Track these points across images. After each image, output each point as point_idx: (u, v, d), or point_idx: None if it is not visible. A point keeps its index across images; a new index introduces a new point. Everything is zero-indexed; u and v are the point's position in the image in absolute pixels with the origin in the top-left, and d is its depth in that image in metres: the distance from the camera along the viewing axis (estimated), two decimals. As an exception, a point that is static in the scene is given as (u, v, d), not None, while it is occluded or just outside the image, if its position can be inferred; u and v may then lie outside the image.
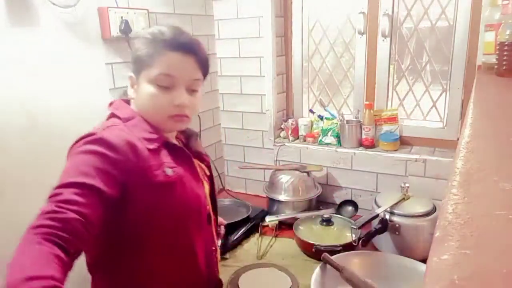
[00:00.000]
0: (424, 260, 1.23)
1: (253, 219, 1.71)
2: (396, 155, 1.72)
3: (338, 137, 1.87)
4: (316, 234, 1.54)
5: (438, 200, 1.49)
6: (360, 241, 1.35)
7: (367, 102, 1.82)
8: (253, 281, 1.34)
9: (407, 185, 1.47)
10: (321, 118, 1.96)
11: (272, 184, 1.83)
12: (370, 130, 1.79)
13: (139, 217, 0.82)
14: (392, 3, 1.73)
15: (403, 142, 1.81)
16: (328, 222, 1.58)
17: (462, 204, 0.36)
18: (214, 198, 1.03)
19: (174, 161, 0.87)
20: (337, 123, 1.88)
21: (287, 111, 2.12)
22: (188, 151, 0.94)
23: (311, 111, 2.05)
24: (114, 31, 1.43)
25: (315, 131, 1.96)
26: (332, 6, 1.90)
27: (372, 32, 1.80)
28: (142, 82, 0.87)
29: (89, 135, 0.78)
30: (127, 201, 0.78)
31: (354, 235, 1.38)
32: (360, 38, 1.83)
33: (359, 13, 1.80)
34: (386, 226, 1.40)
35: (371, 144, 1.81)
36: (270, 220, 1.69)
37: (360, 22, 1.81)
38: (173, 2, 1.74)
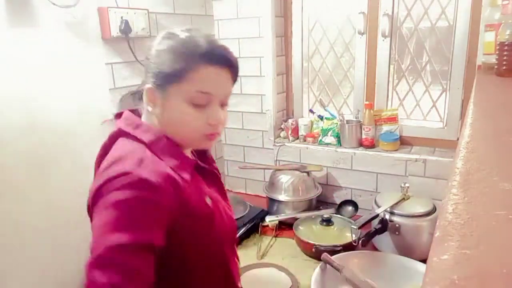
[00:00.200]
0: (424, 260, 1.22)
1: (253, 219, 1.71)
2: (396, 155, 1.72)
3: (338, 137, 1.87)
4: (316, 234, 1.54)
5: (438, 200, 1.49)
6: (360, 241, 1.35)
7: (367, 102, 1.82)
8: (253, 281, 1.34)
9: (407, 185, 1.47)
10: (321, 118, 1.96)
11: (272, 184, 1.83)
12: (370, 130, 1.79)
13: (180, 248, 0.77)
14: (392, 3, 1.73)
15: (403, 142, 1.81)
16: (328, 222, 1.58)
17: (462, 204, 0.36)
18: None
19: (207, 184, 0.82)
20: (337, 123, 1.88)
21: (287, 111, 2.12)
22: (209, 168, 0.88)
23: (311, 111, 2.05)
24: (114, 31, 1.43)
25: (315, 131, 1.96)
26: (332, 6, 1.90)
27: (372, 32, 1.80)
28: (171, 99, 0.77)
29: (124, 174, 0.68)
30: (170, 237, 0.72)
31: (354, 235, 1.38)
32: (360, 38, 1.83)
33: (359, 13, 1.80)
34: (386, 226, 1.40)
35: (371, 144, 1.81)
36: (270, 220, 1.69)
37: (360, 22, 1.81)
38: (173, 2, 1.74)
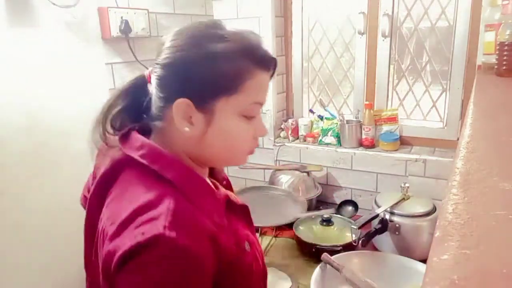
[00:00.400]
0: (424, 260, 1.22)
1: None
2: (396, 155, 1.72)
3: (338, 137, 1.87)
4: (316, 234, 1.54)
5: (438, 200, 1.49)
6: (360, 241, 1.35)
7: (367, 102, 1.82)
8: (253, 281, 1.34)
9: (407, 185, 1.47)
10: (321, 118, 1.96)
11: (272, 184, 1.83)
12: (370, 130, 1.79)
13: None
14: (392, 3, 1.73)
15: (403, 142, 1.81)
16: (328, 222, 1.58)
17: (462, 204, 0.36)
18: None
19: (237, 219, 0.70)
20: (337, 123, 1.88)
21: (287, 111, 2.12)
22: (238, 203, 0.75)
23: (311, 111, 2.05)
24: (114, 31, 1.43)
25: (315, 131, 1.96)
26: (332, 6, 1.90)
27: (372, 32, 1.80)
28: (221, 114, 0.63)
29: (158, 240, 0.53)
30: None
31: (354, 235, 1.38)
32: (360, 38, 1.83)
33: (359, 13, 1.80)
34: (386, 226, 1.40)
35: (371, 144, 1.81)
36: (270, 220, 1.69)
37: (360, 22, 1.81)
38: (173, 2, 1.74)
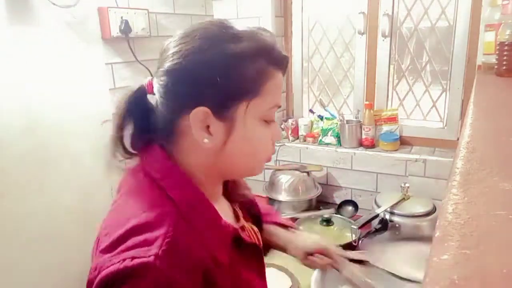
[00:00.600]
0: (424, 260, 1.22)
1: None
2: (396, 155, 1.72)
3: (338, 137, 1.87)
4: (316, 234, 1.54)
5: (438, 200, 1.49)
6: (360, 241, 1.35)
7: (367, 102, 1.82)
8: (253, 281, 1.34)
9: (407, 185, 1.47)
10: (321, 118, 1.96)
11: (272, 184, 1.83)
12: (370, 130, 1.79)
13: None
14: (392, 3, 1.73)
15: (403, 142, 1.81)
16: (328, 222, 1.58)
17: (462, 204, 0.36)
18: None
19: (244, 258, 0.63)
20: (337, 123, 1.88)
21: (287, 111, 2.12)
22: (250, 241, 0.67)
23: (311, 111, 2.05)
24: (114, 31, 1.43)
25: (315, 131, 1.96)
26: (332, 6, 1.90)
27: (372, 32, 1.80)
28: (243, 121, 0.58)
29: (147, 268, 0.48)
30: None
31: (354, 235, 1.38)
32: (360, 38, 1.83)
33: (359, 13, 1.80)
34: (386, 226, 1.40)
35: (371, 144, 1.80)
36: (270, 220, 1.69)
37: (360, 22, 1.81)
38: (173, 2, 1.74)
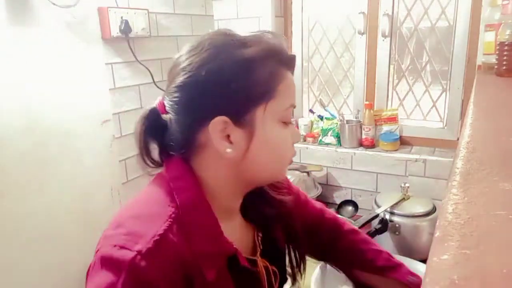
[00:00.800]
0: (424, 260, 1.22)
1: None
2: (396, 155, 1.72)
3: (338, 137, 1.87)
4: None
5: (438, 200, 1.49)
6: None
7: (367, 102, 1.82)
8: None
9: (407, 185, 1.47)
10: (321, 118, 1.96)
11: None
12: (370, 130, 1.79)
13: None
14: (392, 3, 1.74)
15: (403, 142, 1.81)
16: (328, 222, 1.58)
17: (462, 204, 0.36)
18: None
19: (237, 285, 0.58)
20: (337, 123, 1.88)
21: (287, 111, 2.11)
22: (251, 268, 0.62)
23: (311, 111, 2.05)
24: (114, 31, 1.43)
25: (315, 131, 1.96)
26: (332, 6, 1.90)
27: (372, 32, 1.80)
28: (263, 126, 0.57)
29: (124, 263, 0.47)
30: None
31: (354, 235, 1.37)
32: (360, 38, 1.83)
33: (359, 13, 1.80)
34: (386, 226, 1.40)
35: (371, 144, 1.80)
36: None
37: (360, 22, 1.81)
38: (173, 2, 1.74)
